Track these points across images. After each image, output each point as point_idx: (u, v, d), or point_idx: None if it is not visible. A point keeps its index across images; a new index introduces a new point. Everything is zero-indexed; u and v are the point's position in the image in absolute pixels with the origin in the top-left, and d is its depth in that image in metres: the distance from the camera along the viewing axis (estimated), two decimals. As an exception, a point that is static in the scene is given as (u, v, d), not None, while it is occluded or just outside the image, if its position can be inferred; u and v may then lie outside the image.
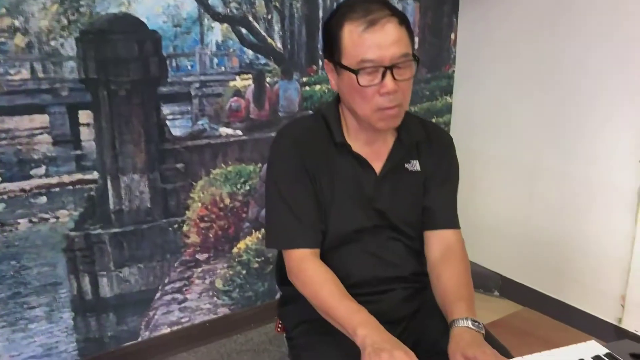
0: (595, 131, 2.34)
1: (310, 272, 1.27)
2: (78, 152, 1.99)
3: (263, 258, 2.51)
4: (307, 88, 2.45)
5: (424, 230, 1.40)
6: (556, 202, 2.54)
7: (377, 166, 1.33)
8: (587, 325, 2.47)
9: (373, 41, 1.17)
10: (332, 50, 1.23)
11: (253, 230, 2.46)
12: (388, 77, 1.18)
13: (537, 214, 2.64)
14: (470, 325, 1.17)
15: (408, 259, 1.39)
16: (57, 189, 1.98)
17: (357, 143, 1.32)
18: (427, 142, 1.38)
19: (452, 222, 1.39)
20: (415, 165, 1.37)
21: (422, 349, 1.33)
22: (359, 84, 1.19)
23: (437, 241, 1.37)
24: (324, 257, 1.32)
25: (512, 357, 1.27)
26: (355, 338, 1.13)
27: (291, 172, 1.29)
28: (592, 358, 1.14)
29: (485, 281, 2.87)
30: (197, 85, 2.18)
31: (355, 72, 1.18)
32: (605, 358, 1.14)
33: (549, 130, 2.52)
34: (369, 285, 1.35)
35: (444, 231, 1.37)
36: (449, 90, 2.92)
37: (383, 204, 1.33)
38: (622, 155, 2.25)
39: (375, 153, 1.33)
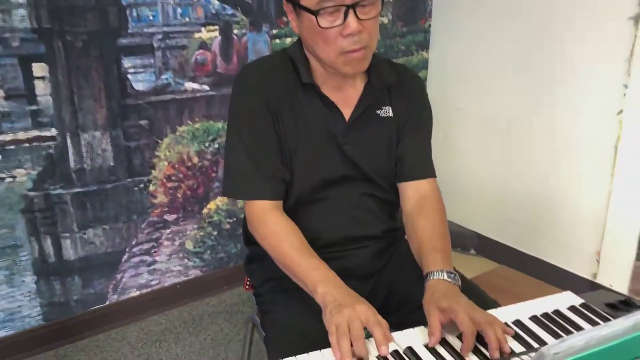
0: (572, 87, 2.29)
1: (272, 225, 1.19)
2: (34, 107, 1.88)
3: (235, 219, 2.45)
4: (278, 41, 2.35)
5: (398, 182, 1.33)
6: (532, 158, 2.50)
7: (347, 112, 1.25)
8: (563, 281, 2.46)
9: None
10: None
11: (223, 190, 2.38)
12: (351, 16, 1.09)
13: (513, 171, 2.60)
14: (446, 277, 1.12)
15: (380, 216, 1.33)
16: (12, 147, 1.87)
17: (325, 87, 1.24)
18: (398, 86, 1.30)
19: (427, 171, 1.32)
20: (387, 112, 1.29)
21: (395, 301, 1.31)
22: (319, 25, 1.10)
23: (412, 192, 1.31)
24: (290, 214, 1.25)
25: (499, 306, 1.24)
26: (316, 295, 1.08)
27: (253, 113, 1.20)
28: (568, 308, 1.11)
29: (462, 240, 2.84)
30: (159, 36, 2.06)
31: (315, 12, 1.09)
32: (580, 308, 1.12)
33: (526, 86, 2.46)
34: (339, 245, 1.29)
35: (418, 181, 1.31)
36: (425, 45, 2.84)
37: (353, 152, 1.26)
38: (599, 110, 2.21)
39: (345, 98, 1.25)
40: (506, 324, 1.03)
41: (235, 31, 2.23)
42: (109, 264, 2.18)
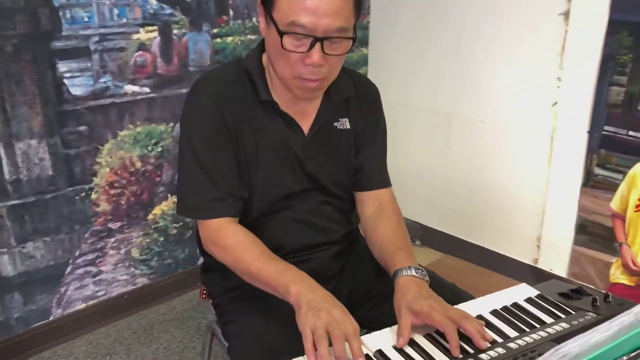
0: (509, 80, 2.37)
1: (231, 239, 1.17)
2: (-38, 117, 1.76)
3: (181, 223, 2.39)
4: (219, 40, 2.30)
5: (356, 191, 1.35)
6: (472, 148, 2.58)
7: (305, 126, 1.24)
8: (505, 267, 2.56)
9: (311, 3, 1.03)
10: None
11: (169, 195, 2.33)
12: (317, 49, 1.06)
13: (454, 162, 2.67)
14: (414, 272, 1.13)
15: (339, 222, 1.34)
16: (-60, 160, 1.75)
17: (284, 100, 1.21)
18: (355, 98, 1.30)
19: (384, 181, 1.35)
20: (344, 124, 1.29)
21: (358, 296, 1.34)
22: (282, 46, 1.07)
23: (370, 200, 1.34)
24: (253, 228, 1.23)
25: (461, 291, 1.33)
26: (288, 297, 1.05)
27: (209, 131, 1.16)
28: (525, 300, 1.15)
29: (408, 232, 2.89)
30: (96, 38, 1.98)
31: (281, 33, 1.06)
32: (536, 299, 1.16)
33: (464, 80, 2.53)
34: (301, 251, 1.29)
35: (376, 191, 1.33)
36: (364, 42, 2.87)
37: (312, 166, 1.25)
38: (535, 102, 2.30)
39: (303, 112, 1.24)
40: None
41: (175, 31, 2.17)
42: (51, 277, 2.08)
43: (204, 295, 1.48)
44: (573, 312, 1.10)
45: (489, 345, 0.98)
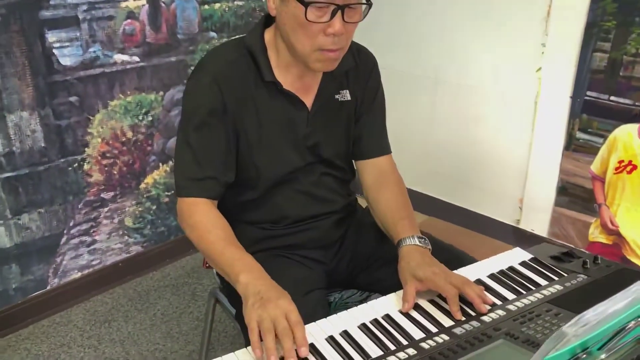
0: (494, 42, 2.40)
1: (199, 217, 1.18)
2: (-48, 90, 1.74)
3: (173, 192, 2.41)
4: (207, 7, 2.29)
5: (356, 160, 1.39)
6: (458, 113, 2.62)
7: (308, 100, 1.26)
8: (488, 228, 2.64)
9: None
10: None
11: (160, 164, 2.34)
12: (338, 17, 1.08)
13: (438, 125, 2.72)
14: (417, 241, 1.18)
15: (340, 193, 1.38)
16: None
17: (287, 77, 1.23)
18: (355, 69, 1.32)
19: (383, 148, 1.39)
20: (345, 95, 1.31)
21: (360, 262, 1.39)
22: (306, 17, 1.08)
23: (370, 168, 1.37)
24: (258, 202, 1.27)
25: (459, 251, 1.36)
26: (237, 285, 1.06)
27: (203, 112, 1.18)
28: (520, 264, 1.22)
29: (393, 195, 2.96)
30: (84, 7, 1.95)
31: (305, 4, 1.07)
32: (530, 263, 1.23)
33: (449, 44, 2.55)
34: (303, 221, 1.33)
35: (376, 159, 1.37)
36: (350, 6, 2.85)
37: (315, 141, 1.29)
38: (520, 65, 2.34)
39: (305, 87, 1.26)
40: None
41: (163, -2, 2.15)
42: (47, 248, 2.10)
43: (207, 264, 1.52)
44: (565, 275, 1.17)
45: (488, 308, 1.05)
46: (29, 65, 1.86)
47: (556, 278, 1.16)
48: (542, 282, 1.15)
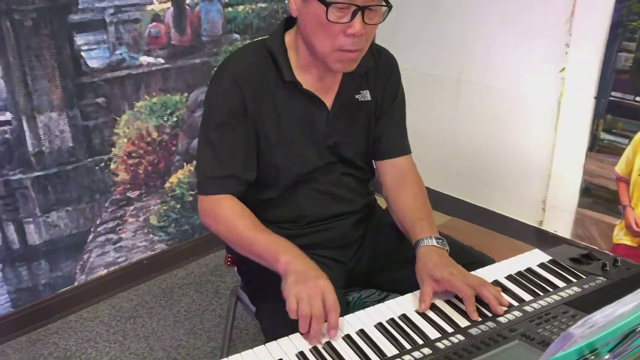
0: (517, 43, 2.39)
1: (225, 210, 1.22)
2: (-15, 92, 1.80)
3: (197, 190, 2.45)
4: (230, 9, 2.32)
5: (376, 160, 1.40)
6: (481, 113, 2.62)
7: (328, 100, 1.28)
8: (511, 229, 2.63)
9: None
10: None
11: (184, 163, 2.38)
12: (358, 18, 1.10)
13: (462, 126, 2.72)
14: (435, 243, 1.20)
15: (359, 192, 1.40)
16: (-35, 134, 1.80)
17: (307, 78, 1.25)
18: (375, 69, 1.34)
19: (403, 149, 1.40)
20: (365, 95, 1.33)
21: (379, 262, 1.41)
22: (327, 18, 1.10)
23: (390, 168, 1.39)
24: (278, 201, 1.30)
25: (478, 252, 1.36)
26: (277, 265, 1.11)
27: (226, 114, 1.21)
28: (538, 265, 1.22)
29: (415, 195, 2.96)
30: (111, 11, 2.00)
31: (327, 4, 1.09)
32: (549, 264, 1.22)
33: (473, 44, 2.55)
34: (322, 220, 1.35)
35: (396, 159, 1.38)
36: (372, 7, 2.86)
37: (335, 140, 1.30)
38: (544, 66, 2.33)
39: (325, 87, 1.28)
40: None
41: (188, 1, 2.19)
42: (74, 245, 2.16)
43: (228, 262, 1.56)
44: (584, 277, 1.16)
45: (504, 309, 1.05)
46: (58, 68, 1.92)
47: (574, 280, 1.16)
48: (560, 283, 1.15)
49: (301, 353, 0.97)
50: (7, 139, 1.88)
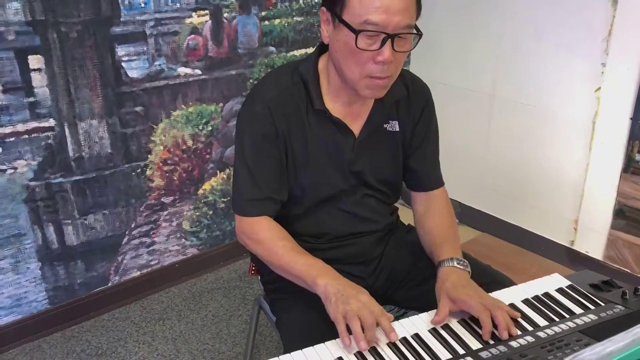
0: (552, 60, 2.37)
1: (265, 232, 1.27)
2: (31, 99, 1.90)
3: (229, 198, 2.51)
4: (267, 22, 2.38)
5: (411, 190, 1.43)
6: (514, 130, 2.60)
7: (356, 128, 1.30)
8: (541, 248, 2.60)
9: (382, 3, 1.08)
10: (335, 0, 1.15)
11: (217, 171, 2.45)
12: (387, 46, 1.11)
13: (495, 142, 2.71)
14: (456, 264, 1.22)
15: (381, 213, 1.42)
16: (12, 139, 1.90)
17: (336, 105, 1.28)
18: (406, 100, 1.34)
19: (436, 182, 1.43)
20: (394, 126, 1.34)
21: (397, 279, 1.43)
22: (356, 45, 1.12)
23: (422, 200, 1.42)
24: (302, 217, 1.34)
25: (495, 272, 1.38)
26: (316, 288, 1.15)
27: (258, 138, 1.25)
28: (556, 290, 1.22)
29: (446, 209, 2.95)
30: (152, 23, 2.08)
31: (356, 32, 1.11)
32: (567, 290, 1.22)
33: (508, 60, 2.54)
34: (343, 238, 1.39)
35: (429, 192, 1.41)
36: (409, 20, 2.88)
37: (360, 166, 1.33)
38: (579, 85, 2.30)
39: (354, 115, 1.30)
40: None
41: (225, 14, 2.25)
42: (110, 247, 2.24)
43: (252, 272, 1.60)
44: (602, 304, 1.16)
45: (508, 337, 1.05)
46: (100, 77, 2.00)
47: (592, 307, 1.15)
48: (577, 310, 1.15)
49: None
50: (50, 144, 1.97)
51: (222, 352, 2.07)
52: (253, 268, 1.60)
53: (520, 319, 1.11)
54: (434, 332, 1.10)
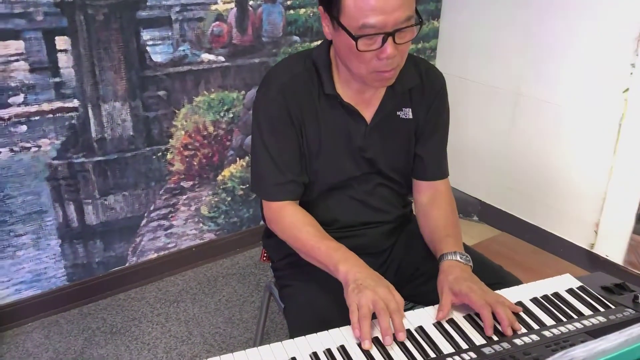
0: (580, 63, 2.33)
1: (289, 218, 1.28)
2: (57, 79, 1.93)
3: (247, 185, 2.53)
4: (292, 12, 2.38)
5: (414, 178, 1.41)
6: (537, 129, 2.56)
7: (368, 115, 1.30)
8: (561, 250, 2.57)
9: (377, 3, 1.06)
10: (330, 2, 1.13)
11: (237, 158, 2.46)
12: (389, 43, 1.10)
13: (517, 141, 2.67)
14: (458, 258, 1.21)
15: (394, 204, 1.42)
16: (37, 118, 1.94)
17: (348, 91, 1.28)
18: (420, 88, 1.33)
19: (442, 173, 1.41)
20: (407, 113, 1.33)
21: (406, 274, 1.43)
22: (357, 49, 1.11)
23: (426, 188, 1.40)
24: (312, 203, 1.34)
25: (506, 273, 1.37)
26: (337, 274, 1.16)
27: (275, 121, 1.26)
28: (567, 291, 1.20)
29: (465, 206, 2.94)
30: (177, 9, 2.10)
31: (355, 38, 1.09)
32: (578, 291, 1.20)
33: (534, 57, 2.50)
34: (353, 227, 1.39)
35: (433, 181, 1.40)
36: (436, 15, 2.86)
37: (372, 153, 1.33)
38: (606, 85, 2.26)
39: (366, 101, 1.30)
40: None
41: (251, 2, 2.26)
42: (128, 228, 2.28)
43: (264, 258, 1.61)
44: (612, 307, 1.14)
45: (511, 333, 1.04)
46: (124, 61, 2.03)
47: (602, 309, 1.13)
48: (586, 311, 1.13)
49: (314, 354, 1.01)
50: (73, 125, 2.01)
51: (234, 336, 2.10)
52: (265, 255, 1.61)
53: (526, 318, 1.10)
54: (438, 325, 1.09)
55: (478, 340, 1.04)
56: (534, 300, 1.17)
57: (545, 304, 1.15)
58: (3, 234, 2.00)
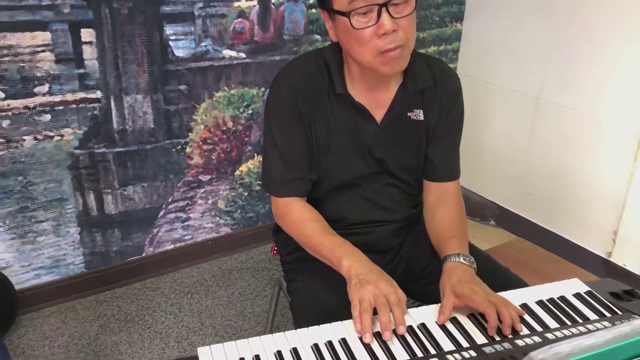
0: (602, 67, 2.30)
1: (296, 214, 1.30)
2: (81, 70, 1.98)
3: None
4: (314, 10, 2.40)
5: (424, 179, 1.41)
6: (557, 135, 2.54)
7: (379, 115, 1.30)
8: (577, 257, 2.54)
9: None
10: None
11: (255, 154, 2.49)
12: (384, 15, 1.10)
13: (537, 146, 2.65)
14: (462, 260, 1.21)
15: (402, 204, 1.42)
16: (60, 107, 1.99)
17: (359, 91, 1.28)
18: (433, 89, 1.32)
19: (452, 174, 1.40)
20: (418, 115, 1.32)
21: (413, 273, 1.43)
22: (352, 26, 1.12)
23: (435, 189, 1.40)
24: (322, 200, 1.36)
25: (513, 275, 1.37)
26: (341, 269, 1.17)
27: (285, 119, 1.27)
28: (574, 295, 1.20)
29: (482, 210, 2.92)
30: (200, 5, 2.13)
31: (347, 14, 1.11)
32: (585, 296, 1.19)
33: (557, 63, 2.48)
34: (361, 224, 1.40)
35: (443, 183, 1.40)
36: (459, 17, 2.85)
37: (382, 153, 1.33)
38: (628, 92, 2.23)
39: (377, 101, 1.30)
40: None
41: (273, 0, 2.29)
42: (146, 219, 2.33)
43: (274, 252, 1.64)
44: (619, 313, 1.13)
45: (512, 334, 1.05)
46: (147, 54, 2.07)
47: (608, 315, 1.13)
48: (592, 316, 1.12)
49: (315, 345, 1.03)
50: (95, 115, 2.06)
51: (244, 329, 2.13)
52: (275, 249, 1.64)
53: (530, 320, 1.10)
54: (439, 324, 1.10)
55: (479, 339, 1.05)
56: (539, 303, 1.16)
57: (551, 306, 1.15)
58: (25, 219, 2.06)
